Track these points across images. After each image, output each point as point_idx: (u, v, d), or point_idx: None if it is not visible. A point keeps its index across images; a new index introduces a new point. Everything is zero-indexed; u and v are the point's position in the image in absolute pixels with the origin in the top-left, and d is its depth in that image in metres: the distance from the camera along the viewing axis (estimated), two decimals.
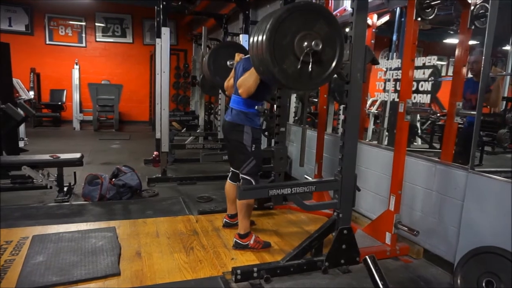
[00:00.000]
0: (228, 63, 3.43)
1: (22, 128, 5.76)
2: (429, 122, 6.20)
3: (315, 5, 2.21)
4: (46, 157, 3.79)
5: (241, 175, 2.71)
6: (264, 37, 1.98)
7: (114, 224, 3.10)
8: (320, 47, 2.02)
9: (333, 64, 2.14)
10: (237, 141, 2.66)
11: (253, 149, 2.66)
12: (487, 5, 2.45)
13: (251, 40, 2.16)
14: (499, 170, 2.51)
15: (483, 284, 2.07)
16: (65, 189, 3.83)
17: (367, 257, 2.24)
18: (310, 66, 2.05)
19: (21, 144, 5.42)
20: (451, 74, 2.89)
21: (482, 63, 2.42)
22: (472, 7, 2.62)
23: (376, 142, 4.27)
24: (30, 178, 3.81)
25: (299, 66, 2.04)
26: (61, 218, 3.23)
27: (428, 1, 2.53)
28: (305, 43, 2.02)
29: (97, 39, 10.28)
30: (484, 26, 2.40)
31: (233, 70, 2.92)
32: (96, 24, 10.22)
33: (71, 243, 2.70)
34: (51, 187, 3.77)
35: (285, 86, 2.23)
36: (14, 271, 2.26)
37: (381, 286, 2.10)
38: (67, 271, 2.29)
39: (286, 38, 2.02)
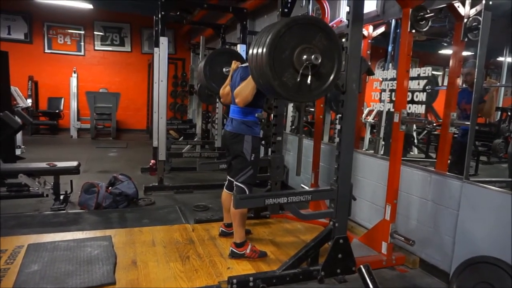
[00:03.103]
0: (224, 70, 3.45)
1: (19, 136, 5.77)
2: (426, 132, 6.24)
3: (314, 19, 2.24)
4: (43, 165, 3.78)
5: (235, 182, 2.72)
6: (264, 51, 2.00)
7: (110, 232, 3.09)
8: (320, 60, 2.04)
9: (332, 76, 2.17)
10: (237, 150, 2.68)
11: (252, 159, 2.67)
12: (479, 18, 2.50)
13: (250, 52, 2.18)
14: (494, 180, 2.54)
15: None
16: (61, 197, 3.82)
17: (361, 266, 2.24)
18: (309, 79, 2.07)
19: (18, 152, 5.42)
20: (446, 84, 2.93)
21: (475, 74, 2.46)
22: (465, 20, 2.66)
23: (372, 151, 4.30)
24: (26, 186, 3.79)
25: (298, 79, 2.06)
26: (57, 227, 3.22)
27: (422, 13, 2.57)
28: (305, 57, 2.03)
29: (96, 48, 10.35)
30: (477, 38, 2.44)
31: (229, 78, 2.95)
32: (95, 32, 10.29)
33: (67, 252, 2.68)
34: (47, 195, 3.76)
35: (285, 98, 2.26)
36: (9, 280, 2.25)
37: None
38: (62, 280, 2.28)
39: (286, 52, 2.03)
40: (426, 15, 2.57)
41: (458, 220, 2.45)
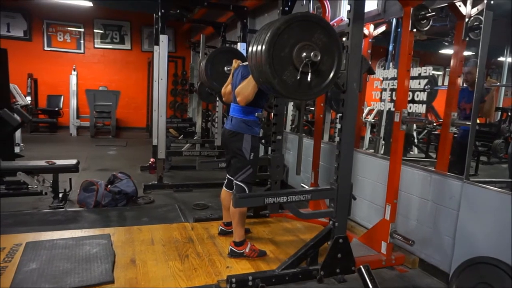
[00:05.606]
0: (225, 68, 3.44)
1: (18, 133, 5.74)
2: (426, 131, 6.24)
3: (313, 16, 2.23)
4: (42, 163, 3.77)
5: (235, 181, 2.71)
6: (263, 48, 1.99)
7: (109, 231, 3.08)
8: (319, 58, 2.02)
9: (332, 73, 2.16)
10: (236, 148, 2.67)
11: (251, 157, 2.66)
12: (481, 17, 2.49)
13: (249, 50, 2.17)
14: (494, 181, 2.53)
15: None
16: (60, 195, 3.81)
17: (361, 266, 2.23)
18: (309, 76, 2.05)
19: (17, 149, 5.39)
20: (447, 84, 2.92)
21: (477, 74, 2.45)
22: (467, 19, 2.65)
23: (372, 151, 4.28)
24: (25, 184, 3.78)
25: (298, 77, 2.05)
26: (55, 225, 3.21)
27: (423, 12, 2.56)
28: (304, 54, 2.02)
29: (96, 46, 10.32)
30: (478, 38, 2.43)
31: (230, 77, 2.94)
32: (95, 30, 10.27)
33: (65, 250, 2.67)
34: (46, 194, 3.75)
35: (285, 96, 2.25)
36: (7, 279, 2.24)
37: None
38: (60, 278, 2.27)
39: (285, 49, 2.02)
40: (427, 14, 2.56)
41: (458, 220, 2.44)
